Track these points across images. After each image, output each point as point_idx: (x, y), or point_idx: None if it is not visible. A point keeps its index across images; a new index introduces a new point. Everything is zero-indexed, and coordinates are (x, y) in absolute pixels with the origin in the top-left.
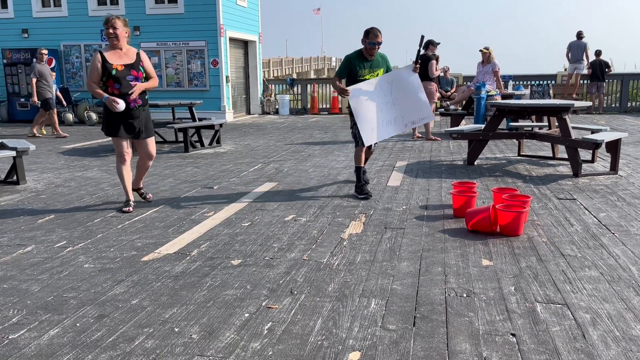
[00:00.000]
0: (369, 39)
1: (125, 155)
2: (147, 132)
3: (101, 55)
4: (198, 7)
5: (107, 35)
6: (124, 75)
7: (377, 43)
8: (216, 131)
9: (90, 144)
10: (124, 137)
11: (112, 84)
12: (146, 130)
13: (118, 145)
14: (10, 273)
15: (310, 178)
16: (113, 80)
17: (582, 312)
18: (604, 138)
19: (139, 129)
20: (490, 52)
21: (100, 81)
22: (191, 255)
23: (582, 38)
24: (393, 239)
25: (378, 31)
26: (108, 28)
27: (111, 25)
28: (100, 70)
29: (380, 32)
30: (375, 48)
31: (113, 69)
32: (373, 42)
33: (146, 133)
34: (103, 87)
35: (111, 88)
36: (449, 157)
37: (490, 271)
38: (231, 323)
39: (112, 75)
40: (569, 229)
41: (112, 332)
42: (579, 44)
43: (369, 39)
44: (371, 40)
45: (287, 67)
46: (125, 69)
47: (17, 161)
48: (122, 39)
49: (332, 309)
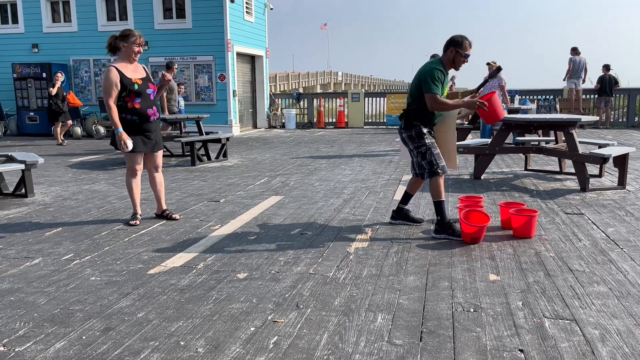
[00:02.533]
0: (463, 49)
1: (138, 170)
2: (160, 145)
3: (117, 70)
4: (206, 23)
5: (135, 52)
6: (144, 89)
7: (467, 56)
8: (223, 145)
9: (98, 157)
10: (141, 152)
11: (133, 99)
12: (159, 143)
13: (133, 159)
14: (18, 285)
15: (317, 192)
16: (135, 95)
17: (591, 328)
18: (611, 153)
19: (155, 142)
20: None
21: (119, 97)
22: (197, 269)
23: (579, 54)
24: (399, 253)
25: (470, 42)
26: (140, 45)
27: (141, 44)
28: (119, 86)
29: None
30: (465, 61)
31: (134, 83)
32: (468, 54)
33: (159, 146)
34: (121, 102)
35: (131, 103)
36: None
37: (498, 286)
38: (237, 337)
39: (135, 90)
40: (576, 243)
41: (118, 345)
42: (580, 60)
43: (463, 50)
44: (466, 52)
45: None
46: (144, 82)
47: (26, 174)
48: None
49: (338, 323)
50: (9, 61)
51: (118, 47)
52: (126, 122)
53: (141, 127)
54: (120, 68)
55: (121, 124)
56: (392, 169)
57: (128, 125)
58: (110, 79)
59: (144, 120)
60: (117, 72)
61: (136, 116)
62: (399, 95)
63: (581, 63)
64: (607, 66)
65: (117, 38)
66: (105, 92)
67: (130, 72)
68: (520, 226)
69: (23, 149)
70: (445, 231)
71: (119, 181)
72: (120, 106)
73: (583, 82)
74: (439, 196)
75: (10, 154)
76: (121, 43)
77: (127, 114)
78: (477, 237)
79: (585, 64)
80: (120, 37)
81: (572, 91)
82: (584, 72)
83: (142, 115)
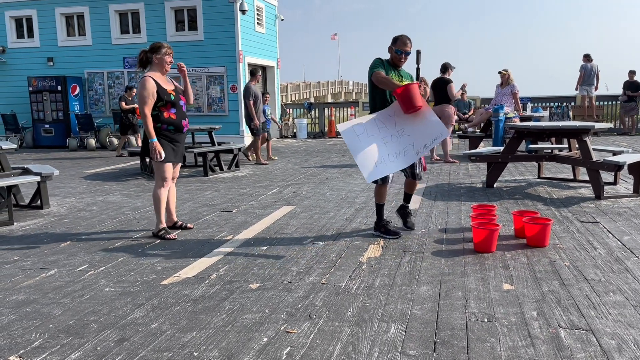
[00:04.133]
0: (397, 46)
1: (169, 180)
2: (183, 156)
3: (153, 80)
4: (218, 34)
5: (167, 62)
6: (178, 101)
7: (405, 52)
8: (235, 155)
9: (112, 168)
10: (174, 162)
11: (169, 109)
12: (183, 154)
13: (167, 170)
14: (33, 297)
15: (328, 201)
16: (171, 105)
17: (608, 338)
18: (626, 160)
19: (181, 153)
20: (509, 74)
21: (154, 107)
22: (210, 279)
23: (591, 61)
24: (412, 263)
25: (407, 39)
26: (169, 55)
27: (171, 53)
28: (156, 96)
29: (410, 41)
30: (402, 58)
31: (169, 93)
32: (400, 50)
33: (183, 157)
34: (156, 112)
35: (167, 113)
36: (467, 179)
37: (512, 295)
38: (250, 347)
39: (171, 100)
40: (592, 252)
41: (132, 356)
42: (592, 66)
43: (397, 46)
44: (398, 48)
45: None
46: (176, 94)
47: (41, 186)
48: None
49: (351, 333)
50: (25, 74)
51: (150, 60)
52: (160, 132)
53: (173, 138)
54: (155, 78)
55: (155, 134)
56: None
57: (162, 135)
58: (147, 88)
59: (178, 130)
60: (153, 82)
61: (172, 126)
62: None
63: (593, 70)
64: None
65: (148, 52)
66: (141, 100)
67: (164, 83)
68: (534, 235)
69: (38, 161)
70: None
71: (133, 192)
72: (155, 116)
73: (596, 89)
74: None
75: (26, 167)
76: (153, 56)
77: (162, 123)
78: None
79: (598, 71)
80: (151, 50)
81: (584, 98)
82: (596, 79)
83: (177, 125)
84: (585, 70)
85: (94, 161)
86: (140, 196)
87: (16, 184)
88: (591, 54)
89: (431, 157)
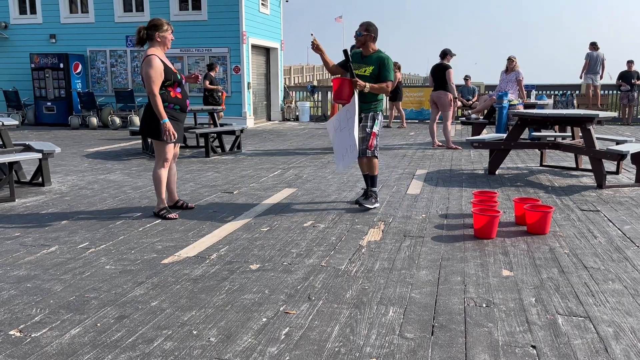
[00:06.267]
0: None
1: (170, 161)
2: (183, 136)
3: (159, 58)
4: (221, 14)
5: (169, 40)
6: (181, 80)
7: (355, 34)
8: (237, 137)
9: (113, 147)
10: (175, 142)
11: (176, 88)
12: (183, 134)
13: (168, 150)
14: (34, 272)
15: (330, 185)
16: (177, 84)
17: (605, 326)
18: (629, 149)
19: (182, 133)
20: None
21: (162, 86)
22: (210, 259)
23: (597, 49)
24: (412, 247)
25: (362, 24)
26: (170, 32)
27: (173, 31)
28: (163, 75)
29: (364, 25)
30: (356, 38)
31: (175, 73)
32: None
33: (183, 136)
34: (163, 92)
35: (174, 92)
36: (469, 166)
37: (511, 282)
38: (249, 327)
39: (178, 80)
40: (592, 240)
41: (131, 333)
42: (597, 55)
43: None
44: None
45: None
46: (178, 73)
47: (43, 163)
48: None
49: (350, 315)
50: (27, 51)
51: (152, 37)
52: (166, 111)
53: (177, 117)
54: (160, 57)
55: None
56: (406, 162)
57: (168, 114)
58: (156, 67)
59: (182, 110)
60: (160, 60)
61: (178, 106)
62: (414, 89)
63: (598, 58)
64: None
65: (149, 29)
66: (150, 80)
67: (168, 62)
68: (535, 222)
69: (40, 138)
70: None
71: (134, 171)
72: (162, 95)
73: (601, 78)
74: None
75: (28, 143)
76: (156, 33)
77: (169, 102)
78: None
79: (603, 60)
80: (152, 27)
81: (589, 87)
82: (602, 67)
83: (182, 105)
84: (591, 58)
85: (95, 140)
86: (141, 175)
87: (18, 160)
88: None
89: (433, 143)
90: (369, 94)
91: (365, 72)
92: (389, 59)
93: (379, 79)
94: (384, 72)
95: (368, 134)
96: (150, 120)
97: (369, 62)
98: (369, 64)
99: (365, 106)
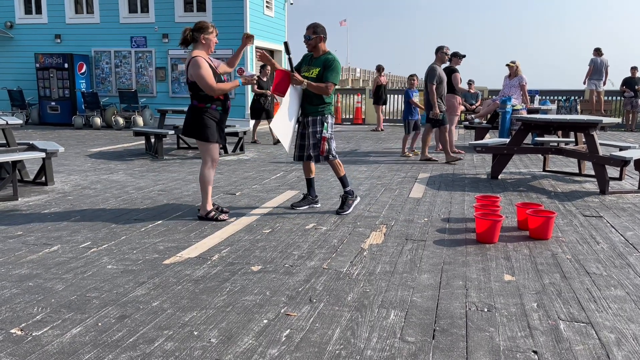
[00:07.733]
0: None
1: (217, 161)
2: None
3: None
4: (226, 16)
5: (214, 43)
6: (224, 81)
7: (304, 38)
8: (240, 139)
9: (116, 147)
10: (220, 143)
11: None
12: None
13: (215, 150)
14: (36, 271)
15: (332, 187)
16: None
17: (607, 332)
18: (632, 155)
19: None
20: (517, 66)
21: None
22: (212, 260)
23: (602, 55)
24: (414, 251)
25: (308, 26)
26: (215, 35)
27: (217, 34)
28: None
29: (310, 27)
30: (306, 42)
31: (219, 75)
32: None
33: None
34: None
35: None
36: (472, 170)
37: (513, 286)
38: (250, 329)
39: (222, 81)
40: (594, 246)
41: (132, 333)
42: (602, 61)
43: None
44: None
45: None
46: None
47: (46, 162)
48: None
49: (351, 318)
50: (32, 51)
51: (197, 39)
52: (209, 111)
53: (220, 119)
54: (205, 58)
55: (206, 114)
56: (409, 166)
57: (210, 115)
58: (205, 68)
59: (225, 111)
60: (207, 62)
61: (221, 107)
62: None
63: (602, 64)
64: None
65: (195, 30)
66: (204, 80)
67: (212, 62)
68: (537, 227)
69: (44, 138)
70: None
71: (137, 172)
72: (204, 96)
73: (604, 84)
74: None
75: (32, 143)
76: (201, 35)
77: (212, 103)
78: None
79: (607, 66)
80: (198, 30)
81: (592, 92)
82: (605, 73)
83: (225, 107)
84: (595, 64)
85: (99, 140)
86: (144, 176)
87: (21, 159)
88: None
89: (436, 147)
90: (316, 97)
91: (312, 73)
92: (336, 60)
93: (321, 79)
94: (327, 73)
95: (318, 140)
96: (194, 121)
97: (317, 63)
98: (317, 66)
99: (312, 109)
